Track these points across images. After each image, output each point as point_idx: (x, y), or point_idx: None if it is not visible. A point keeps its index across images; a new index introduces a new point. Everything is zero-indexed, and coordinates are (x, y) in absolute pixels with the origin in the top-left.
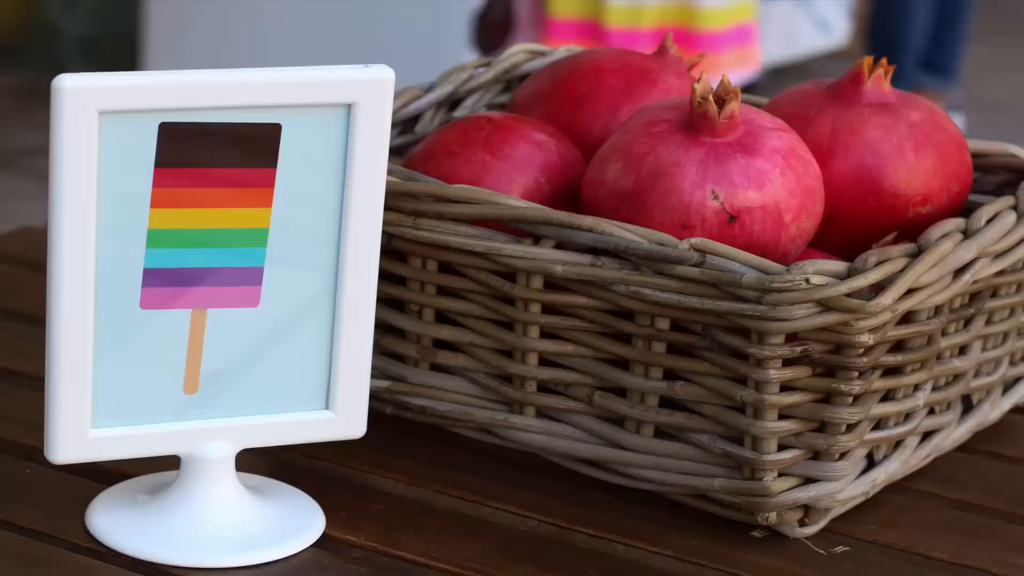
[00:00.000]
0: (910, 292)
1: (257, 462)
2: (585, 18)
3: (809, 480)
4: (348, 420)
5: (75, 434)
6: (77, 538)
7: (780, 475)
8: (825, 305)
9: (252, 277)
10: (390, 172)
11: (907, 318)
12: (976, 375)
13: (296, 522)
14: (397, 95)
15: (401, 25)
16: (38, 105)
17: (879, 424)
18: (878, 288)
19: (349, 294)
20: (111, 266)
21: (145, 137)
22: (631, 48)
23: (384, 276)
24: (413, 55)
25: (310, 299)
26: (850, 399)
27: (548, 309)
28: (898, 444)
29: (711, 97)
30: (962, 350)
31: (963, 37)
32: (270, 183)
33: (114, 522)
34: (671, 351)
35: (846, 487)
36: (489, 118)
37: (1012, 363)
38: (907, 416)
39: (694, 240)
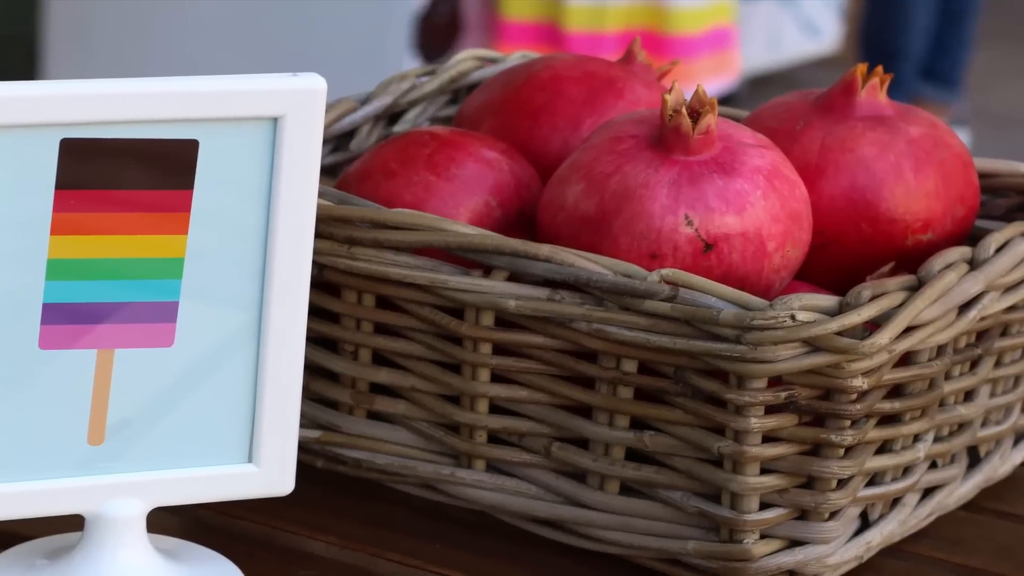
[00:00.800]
0: (909, 330)
1: (171, 522)
2: (542, 20)
3: (795, 543)
4: (274, 475)
5: None
6: None
7: (762, 537)
8: (813, 345)
9: (165, 313)
10: (321, 194)
11: (906, 359)
12: (984, 424)
13: None
14: (329, 107)
15: (334, 28)
16: None
17: (874, 479)
18: (873, 326)
19: (275, 332)
20: (6, 300)
21: (44, 155)
22: (594, 54)
23: (314, 312)
24: (347, 62)
25: (231, 338)
26: (841, 451)
27: (500, 349)
28: (896, 502)
29: (684, 110)
30: (968, 396)
31: (968, 41)
32: (186, 207)
33: None
34: (639, 397)
35: (837, 551)
36: (433, 134)
37: None
38: (906, 470)
39: (665, 271)
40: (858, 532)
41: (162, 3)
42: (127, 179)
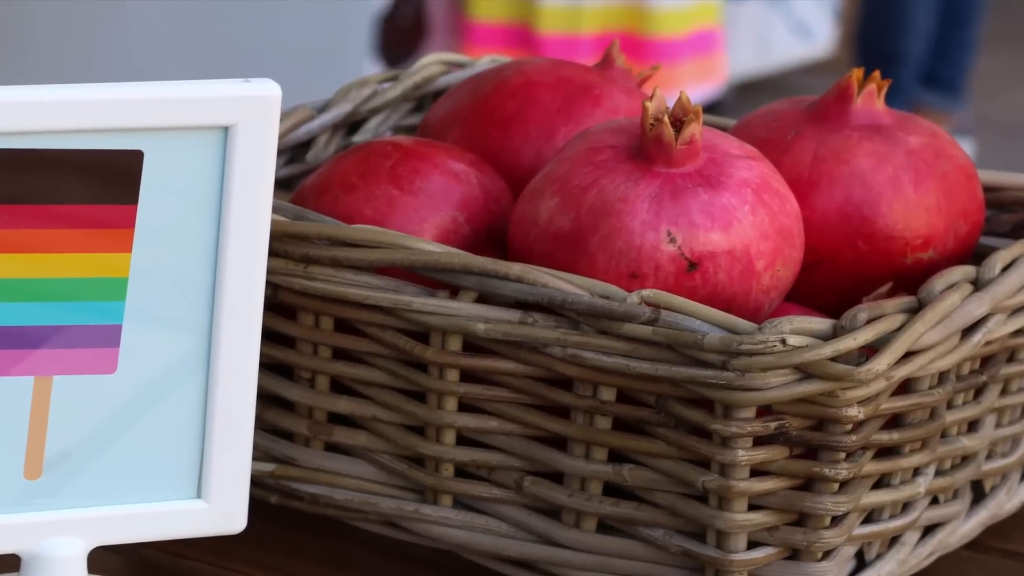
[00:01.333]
0: (909, 355)
1: (114, 562)
2: (513, 22)
3: None
4: (224, 511)
5: None
6: None
7: None
8: (805, 371)
9: (108, 337)
10: (276, 209)
11: (905, 387)
12: (989, 456)
13: None
14: (284, 115)
15: (289, 30)
16: None
17: (871, 516)
18: (870, 351)
19: (226, 358)
20: None
21: None
22: (569, 58)
23: (268, 336)
24: (304, 66)
25: (178, 363)
26: (835, 486)
27: (468, 376)
28: (894, 540)
29: (666, 118)
30: (972, 426)
31: (972, 44)
32: (130, 223)
33: None
34: (617, 427)
35: None
36: (396, 144)
37: None
38: (905, 506)
39: (646, 292)
40: (854, 573)
41: (104, 3)
42: (66, 193)
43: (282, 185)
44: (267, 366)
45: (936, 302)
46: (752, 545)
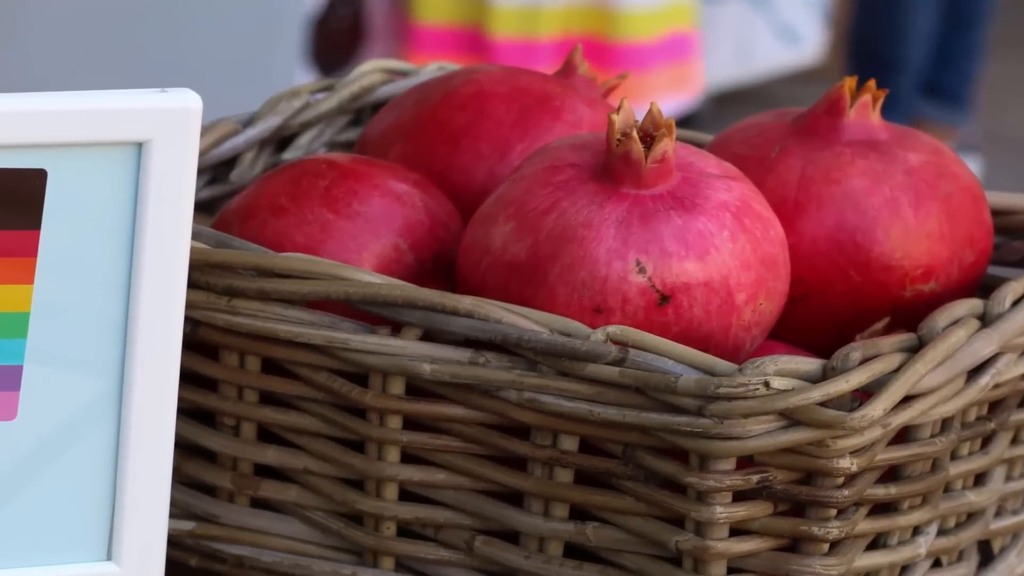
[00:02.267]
0: (908, 400)
1: None
2: (462, 24)
3: None
4: (138, 575)
5: None
6: None
7: None
8: (791, 418)
9: (7, 380)
10: (196, 236)
11: (904, 435)
12: (998, 514)
13: None
14: (205, 130)
15: (211, 34)
16: None
17: None
18: (864, 395)
19: (140, 402)
20: None
21: None
22: (526, 65)
23: (187, 378)
24: (227, 75)
25: (87, 409)
26: (825, 546)
27: (412, 423)
28: None
29: (635, 133)
30: (979, 479)
31: (978, 50)
32: (31, 251)
33: None
34: (580, 481)
35: None
36: (331, 162)
37: None
38: (904, 570)
39: (612, 329)
40: None
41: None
42: None
43: (203, 208)
44: (186, 412)
45: (939, 340)
46: None
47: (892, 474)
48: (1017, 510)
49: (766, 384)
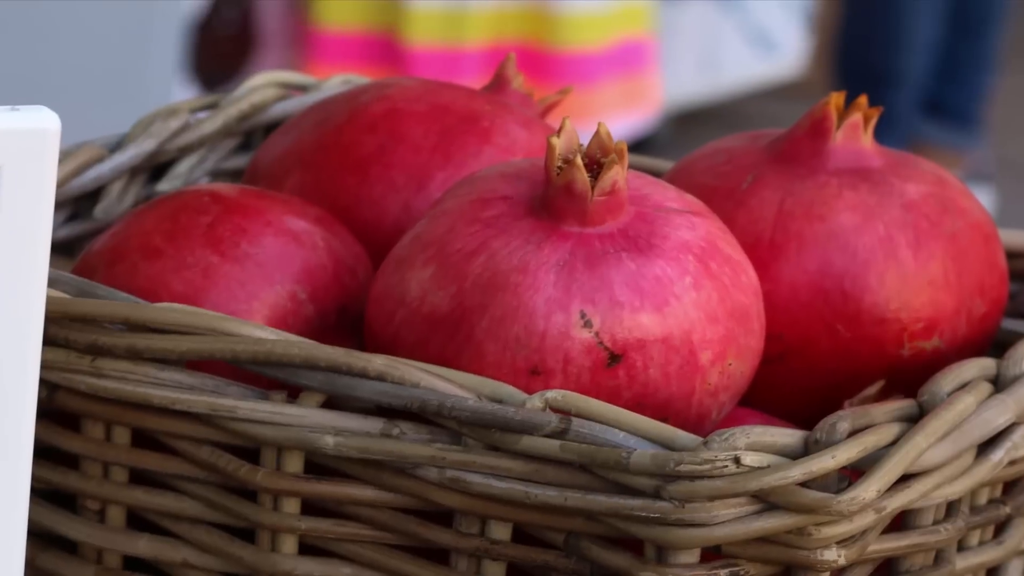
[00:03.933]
0: (906, 479)
1: None
2: (373, 30)
3: None
4: None
5: None
6: None
7: None
8: (767, 501)
9: None
10: (53, 282)
11: (902, 521)
12: None
13: None
14: (65, 155)
15: (72, 43)
16: None
17: None
18: (854, 473)
19: None
20: None
21: None
22: (448, 78)
23: (43, 453)
24: (92, 90)
25: None
26: None
27: (312, 508)
28: None
29: (579, 159)
30: (991, 574)
31: (989, 62)
32: None
33: None
34: (514, 575)
35: None
36: (216, 195)
37: None
38: None
39: (551, 395)
40: None
41: None
42: None
43: (62, 250)
44: (41, 494)
45: (943, 407)
46: None
47: (888, 568)
48: None
49: (736, 460)
